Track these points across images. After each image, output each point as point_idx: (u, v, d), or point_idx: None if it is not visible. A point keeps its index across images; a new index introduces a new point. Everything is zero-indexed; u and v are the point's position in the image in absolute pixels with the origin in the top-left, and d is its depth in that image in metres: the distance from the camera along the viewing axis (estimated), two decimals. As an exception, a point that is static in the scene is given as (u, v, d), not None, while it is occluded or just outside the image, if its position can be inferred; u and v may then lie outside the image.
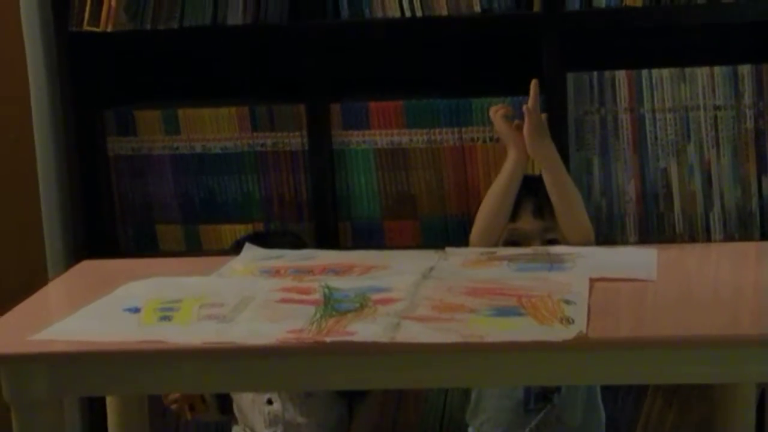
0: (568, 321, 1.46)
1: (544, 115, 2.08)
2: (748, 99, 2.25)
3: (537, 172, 2.07)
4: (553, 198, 2.01)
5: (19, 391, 1.49)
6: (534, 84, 2.03)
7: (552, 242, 2.00)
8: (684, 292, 1.67)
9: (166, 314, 1.59)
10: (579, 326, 1.45)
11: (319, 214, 2.38)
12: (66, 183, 2.45)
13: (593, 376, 1.51)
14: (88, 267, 1.97)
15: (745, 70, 2.24)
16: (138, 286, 1.74)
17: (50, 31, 2.38)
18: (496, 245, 2.01)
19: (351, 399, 2.18)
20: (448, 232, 2.34)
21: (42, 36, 2.39)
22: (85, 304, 1.65)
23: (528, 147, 2.01)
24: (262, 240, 2.05)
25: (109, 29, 2.33)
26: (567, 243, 1.97)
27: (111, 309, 1.63)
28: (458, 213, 2.33)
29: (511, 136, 2.04)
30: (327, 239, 2.35)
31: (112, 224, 2.45)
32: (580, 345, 1.42)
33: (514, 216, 2.06)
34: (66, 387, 1.53)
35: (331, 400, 2.13)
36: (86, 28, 2.34)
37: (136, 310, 1.61)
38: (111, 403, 1.87)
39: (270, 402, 2.09)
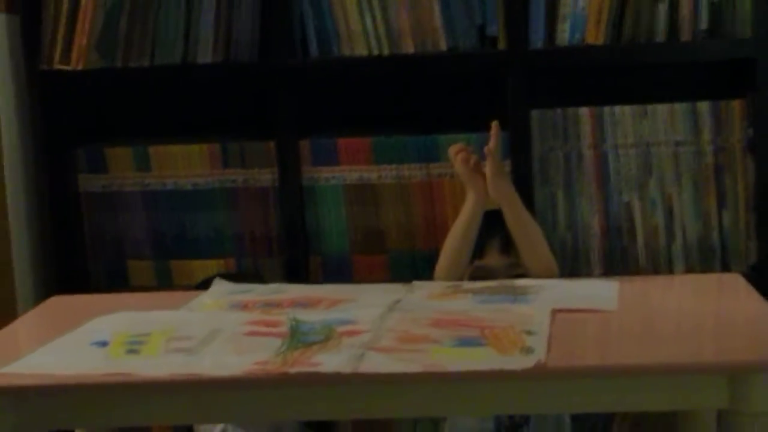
0: (529, 351, 1.49)
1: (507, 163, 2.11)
2: (707, 135, 2.30)
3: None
4: (515, 236, 2.05)
5: (-14, 424, 1.50)
6: (495, 125, 2.07)
7: (519, 277, 2.03)
8: (646, 322, 1.70)
9: (133, 347, 1.60)
10: (539, 355, 1.47)
11: (289, 250, 2.40)
12: (37, 219, 2.47)
13: (554, 404, 1.53)
14: (58, 302, 1.98)
15: (703, 107, 2.29)
16: (106, 320, 1.75)
17: (21, 69, 2.41)
18: (460, 281, 2.04)
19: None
20: (416, 266, 2.37)
21: (13, 74, 2.41)
22: (54, 339, 1.66)
23: (489, 187, 2.04)
24: (227, 280, 2.06)
25: (80, 67, 2.36)
26: (533, 277, 2.00)
27: (79, 343, 1.64)
28: (426, 248, 2.36)
29: (470, 178, 2.07)
30: (297, 274, 2.37)
31: (83, 260, 2.46)
32: (539, 373, 1.45)
33: (481, 253, 2.09)
34: (33, 421, 1.54)
35: None
36: (57, 66, 2.37)
37: (104, 344, 1.62)
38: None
39: None
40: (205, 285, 2.04)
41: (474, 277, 2.07)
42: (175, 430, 2.15)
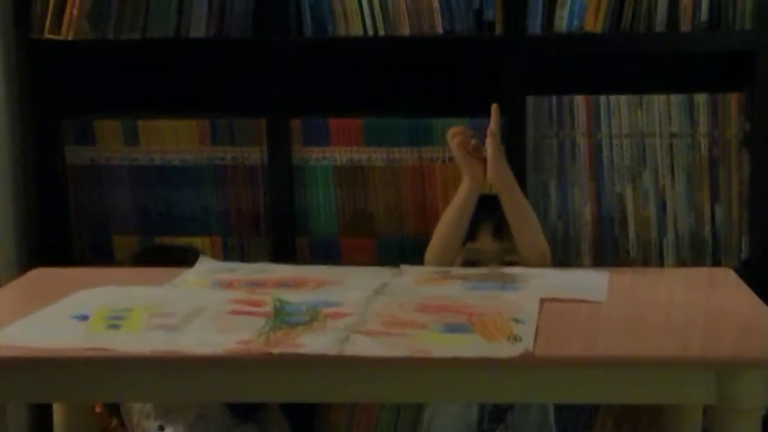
0: (516, 339, 1.47)
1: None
2: (703, 127, 2.28)
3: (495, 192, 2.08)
4: (511, 220, 2.03)
5: (-39, 396, 1.48)
6: (494, 108, 2.04)
7: (511, 264, 2.01)
8: (634, 314, 1.68)
9: (114, 323, 1.58)
10: (526, 344, 1.45)
11: (277, 229, 2.38)
12: (21, 191, 2.44)
13: (540, 394, 1.52)
14: (40, 274, 1.95)
15: (700, 99, 2.28)
16: (88, 294, 1.73)
17: (10, 38, 2.37)
18: (451, 266, 2.02)
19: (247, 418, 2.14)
20: (405, 251, 2.35)
21: (1, 42, 2.38)
22: (35, 311, 1.63)
23: (489, 170, 2.02)
24: (151, 255, 2.04)
25: (70, 37, 2.33)
26: (525, 264, 1.99)
27: (59, 316, 1.62)
28: (415, 232, 2.34)
29: (467, 162, 2.04)
30: (283, 254, 2.35)
31: (68, 234, 2.43)
32: (526, 362, 1.43)
33: (473, 236, 2.08)
34: (11, 393, 1.52)
35: (224, 421, 2.10)
36: (47, 35, 2.33)
37: (85, 318, 1.60)
38: (57, 410, 1.85)
39: (162, 428, 2.06)
40: (136, 258, 2.02)
41: (466, 261, 2.05)
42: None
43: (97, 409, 2.01)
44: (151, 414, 2.05)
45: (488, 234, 2.07)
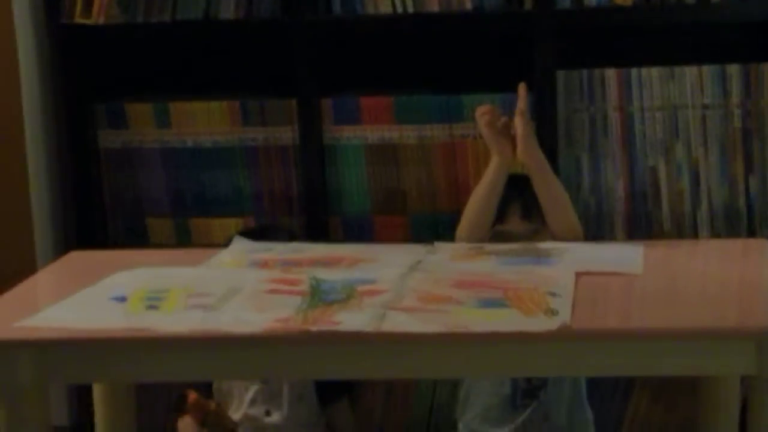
0: (553, 312, 1.47)
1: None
2: (736, 98, 2.26)
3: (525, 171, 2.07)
4: (542, 199, 2.02)
5: (4, 377, 1.50)
6: (522, 87, 2.03)
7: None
8: (670, 286, 1.68)
9: (152, 303, 1.59)
10: (563, 317, 1.45)
11: (310, 209, 2.38)
12: (56, 175, 2.46)
13: (577, 367, 1.52)
14: (77, 257, 1.97)
15: (733, 69, 2.25)
16: (125, 275, 1.75)
17: (42, 23, 2.39)
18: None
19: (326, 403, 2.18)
20: (438, 228, 2.35)
21: (33, 28, 2.40)
22: (73, 293, 1.65)
23: (519, 149, 2.00)
24: (257, 235, 2.05)
25: (101, 22, 2.34)
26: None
27: (98, 297, 1.63)
28: (448, 209, 2.34)
29: (496, 141, 2.02)
30: (317, 234, 2.36)
31: (102, 217, 2.45)
32: (563, 336, 1.43)
33: (502, 218, 2.07)
34: (51, 373, 1.54)
35: (315, 403, 2.13)
36: (78, 20, 2.35)
37: (123, 299, 1.61)
38: (98, 390, 1.87)
39: (268, 413, 2.09)
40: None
41: (494, 242, 2.05)
42: (195, 387, 2.13)
43: (191, 398, 2.02)
44: (256, 400, 2.09)
45: (517, 216, 2.06)
